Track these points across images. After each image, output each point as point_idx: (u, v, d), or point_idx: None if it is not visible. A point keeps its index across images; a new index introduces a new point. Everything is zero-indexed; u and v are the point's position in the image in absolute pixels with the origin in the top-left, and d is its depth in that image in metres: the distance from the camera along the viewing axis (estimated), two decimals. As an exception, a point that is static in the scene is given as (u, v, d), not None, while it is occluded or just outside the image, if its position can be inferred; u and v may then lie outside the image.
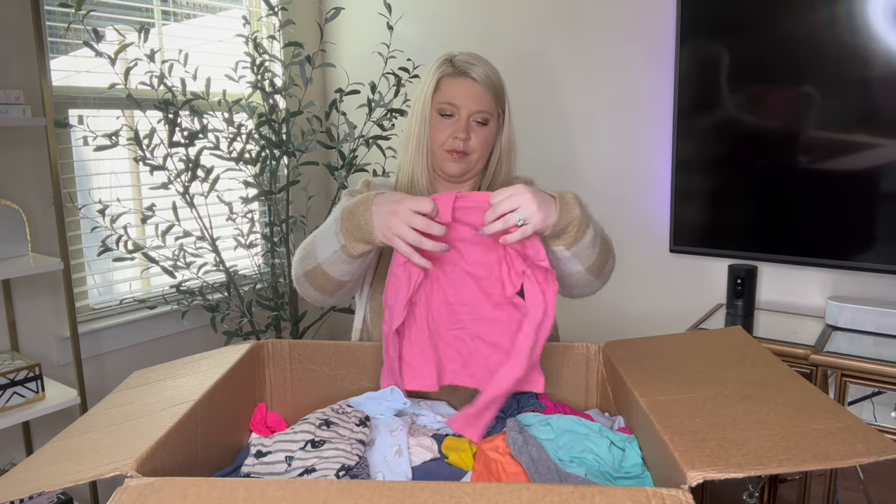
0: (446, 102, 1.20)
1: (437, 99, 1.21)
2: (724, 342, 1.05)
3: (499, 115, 1.25)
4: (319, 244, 1.11)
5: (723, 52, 1.96)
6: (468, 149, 1.21)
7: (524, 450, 0.89)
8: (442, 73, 1.22)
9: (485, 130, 1.22)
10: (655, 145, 2.20)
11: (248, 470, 0.91)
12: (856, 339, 1.73)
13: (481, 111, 1.20)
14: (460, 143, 1.20)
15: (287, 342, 1.11)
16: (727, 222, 2.04)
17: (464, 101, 1.20)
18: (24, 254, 1.94)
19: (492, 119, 1.23)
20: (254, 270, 2.63)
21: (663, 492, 0.62)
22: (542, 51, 2.39)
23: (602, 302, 2.32)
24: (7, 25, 1.97)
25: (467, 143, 1.20)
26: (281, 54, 2.68)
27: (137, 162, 2.16)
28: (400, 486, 0.64)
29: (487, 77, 1.21)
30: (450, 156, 1.22)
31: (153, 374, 1.05)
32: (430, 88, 1.22)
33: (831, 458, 0.67)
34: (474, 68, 1.21)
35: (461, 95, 1.20)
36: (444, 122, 1.21)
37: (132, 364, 2.33)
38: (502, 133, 1.26)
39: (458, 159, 1.22)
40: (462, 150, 1.20)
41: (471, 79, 1.20)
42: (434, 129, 1.22)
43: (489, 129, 1.23)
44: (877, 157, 1.77)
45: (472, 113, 1.20)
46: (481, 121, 1.21)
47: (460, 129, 1.20)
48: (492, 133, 1.24)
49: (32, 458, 0.80)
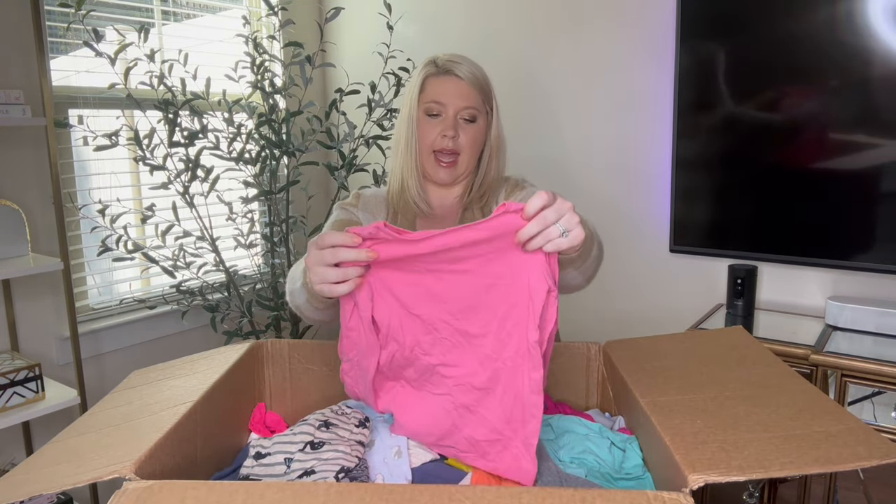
0: (432, 101, 1.20)
1: (423, 99, 1.21)
2: (725, 342, 1.05)
3: (487, 112, 1.24)
4: (296, 291, 1.02)
5: (723, 50, 1.96)
6: (457, 146, 1.20)
7: (524, 451, 0.89)
8: (426, 73, 1.22)
9: (473, 128, 1.21)
10: (655, 144, 2.20)
11: (247, 472, 0.91)
12: (856, 339, 1.73)
13: (468, 107, 1.20)
14: (449, 142, 1.19)
15: (286, 342, 1.11)
16: (727, 222, 2.04)
17: (450, 98, 1.19)
18: (24, 254, 1.94)
19: (480, 116, 1.22)
20: (254, 270, 2.63)
21: (664, 495, 0.62)
22: (542, 49, 2.39)
23: (602, 302, 2.32)
24: (7, 25, 1.97)
25: (456, 141, 1.20)
26: (281, 54, 2.68)
27: (137, 162, 2.15)
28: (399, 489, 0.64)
29: (472, 74, 1.21)
30: (438, 163, 1.21)
31: (152, 373, 1.05)
32: (415, 90, 1.22)
33: (833, 462, 0.67)
34: (458, 66, 1.21)
35: (446, 93, 1.19)
36: (431, 122, 1.21)
37: (132, 364, 2.33)
38: (491, 130, 1.25)
39: (447, 167, 1.21)
40: (452, 150, 1.20)
41: (455, 76, 1.20)
42: (422, 129, 1.21)
43: (477, 126, 1.22)
44: (877, 157, 1.77)
45: (458, 110, 1.20)
46: (469, 118, 1.20)
47: (448, 127, 1.19)
48: (481, 130, 1.23)
49: (31, 459, 0.80)
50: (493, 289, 0.82)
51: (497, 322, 0.83)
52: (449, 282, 0.83)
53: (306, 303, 0.98)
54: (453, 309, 0.85)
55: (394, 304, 0.87)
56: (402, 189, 1.25)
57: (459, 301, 0.84)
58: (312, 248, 0.83)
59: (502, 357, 0.83)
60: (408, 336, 0.88)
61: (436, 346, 0.87)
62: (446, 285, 0.84)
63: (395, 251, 0.81)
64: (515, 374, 0.82)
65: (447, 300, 0.84)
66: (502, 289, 0.81)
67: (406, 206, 1.25)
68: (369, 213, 1.26)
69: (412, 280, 0.85)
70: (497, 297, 0.82)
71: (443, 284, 0.84)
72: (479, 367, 0.85)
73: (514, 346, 0.82)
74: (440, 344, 0.87)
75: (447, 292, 0.84)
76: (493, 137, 1.26)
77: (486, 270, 0.81)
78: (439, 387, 0.89)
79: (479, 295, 0.83)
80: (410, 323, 0.87)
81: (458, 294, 0.84)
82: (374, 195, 1.29)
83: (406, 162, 1.23)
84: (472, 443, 0.87)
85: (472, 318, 0.84)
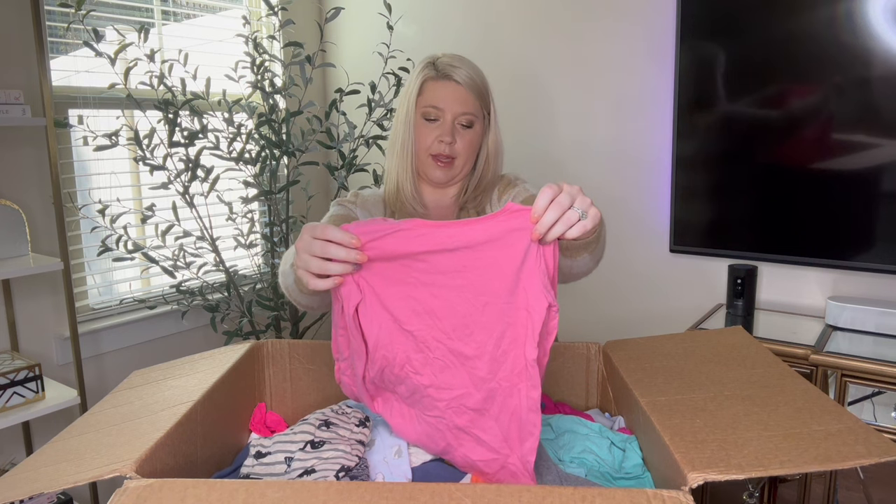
0: (430, 106, 1.19)
1: (421, 103, 1.20)
2: (725, 342, 1.05)
3: (484, 116, 1.24)
4: (286, 272, 1.02)
5: (723, 50, 1.96)
6: (454, 152, 1.20)
7: (524, 450, 0.89)
8: (425, 76, 1.21)
9: (470, 133, 1.21)
10: (655, 144, 2.20)
11: (247, 471, 0.91)
12: (856, 339, 1.73)
13: (466, 113, 1.19)
14: (446, 147, 1.19)
15: (287, 342, 1.11)
16: (727, 222, 2.04)
17: (448, 104, 1.19)
18: (24, 254, 1.94)
19: (477, 121, 1.22)
20: (254, 270, 2.63)
21: (664, 493, 0.62)
22: (542, 49, 2.39)
23: (602, 302, 2.32)
24: (7, 25, 1.97)
25: (453, 147, 1.19)
26: (281, 54, 2.68)
27: (137, 162, 2.16)
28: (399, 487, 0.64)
29: (471, 79, 1.20)
30: (435, 163, 1.21)
31: (152, 374, 1.05)
32: (413, 92, 1.21)
33: (832, 460, 0.67)
34: (457, 71, 1.20)
35: (445, 98, 1.19)
36: (429, 126, 1.20)
37: (132, 364, 2.33)
38: (489, 135, 1.25)
39: (443, 167, 1.21)
40: (448, 155, 1.19)
41: (454, 81, 1.19)
42: (419, 133, 1.21)
43: (475, 131, 1.22)
44: (877, 156, 1.77)
45: (456, 116, 1.19)
46: (466, 123, 1.20)
47: (445, 133, 1.19)
48: (478, 135, 1.23)
49: (32, 458, 0.80)
50: (489, 307, 0.79)
51: (493, 342, 0.80)
52: (444, 298, 0.81)
53: (293, 284, 0.98)
54: (447, 327, 0.82)
55: (385, 318, 0.84)
56: (397, 190, 1.25)
57: (454, 318, 0.81)
58: (306, 234, 0.81)
59: (497, 377, 0.80)
60: (398, 352, 0.84)
61: (427, 367, 0.84)
62: (441, 302, 0.81)
63: (393, 246, 0.80)
64: (511, 394, 0.80)
65: (441, 317, 0.82)
66: (499, 307, 0.79)
67: (402, 207, 1.26)
68: (367, 212, 1.26)
69: (406, 293, 0.82)
70: (493, 317, 0.80)
71: (438, 301, 0.81)
72: (473, 388, 0.82)
73: (509, 365, 0.79)
74: (431, 364, 0.84)
75: (442, 309, 0.81)
76: (490, 142, 1.25)
77: (482, 287, 0.79)
78: (431, 410, 0.86)
79: (475, 314, 0.80)
80: (402, 338, 0.84)
81: (453, 311, 0.81)
82: (372, 195, 1.29)
83: (401, 164, 1.23)
84: (469, 462, 0.86)
85: (467, 339, 0.81)
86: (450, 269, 0.80)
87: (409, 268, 0.81)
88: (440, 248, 0.79)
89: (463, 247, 0.78)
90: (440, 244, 0.79)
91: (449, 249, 0.79)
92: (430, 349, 0.83)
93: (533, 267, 0.76)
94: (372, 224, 0.81)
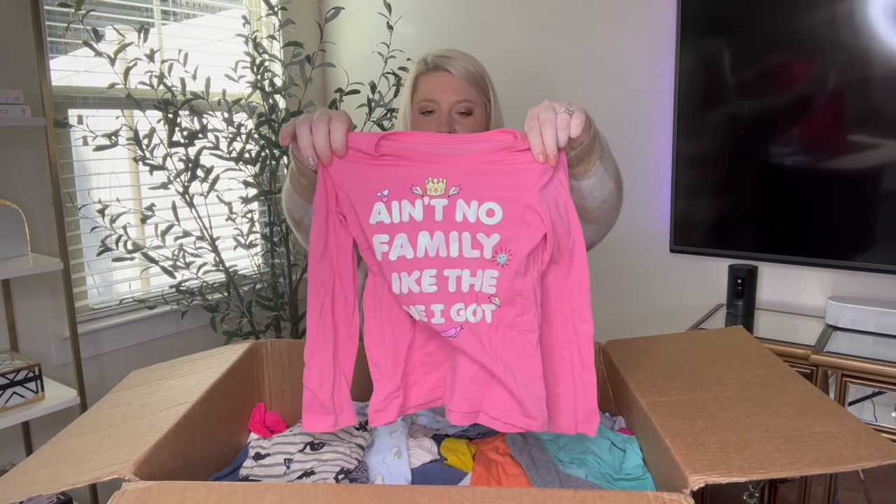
0: (425, 100, 1.18)
1: (416, 99, 1.19)
2: (725, 342, 1.05)
3: (484, 104, 1.22)
4: (290, 174, 0.97)
5: (723, 49, 1.96)
6: None
7: (524, 450, 0.89)
8: (417, 71, 1.20)
9: (470, 121, 1.19)
10: (656, 144, 2.19)
11: (246, 472, 0.90)
12: (856, 339, 1.73)
13: (461, 101, 1.17)
14: None
15: (286, 342, 1.11)
16: (728, 222, 2.03)
17: (441, 94, 1.17)
18: (24, 254, 1.94)
19: (476, 108, 1.19)
20: (253, 270, 2.63)
21: (665, 496, 0.62)
22: (542, 48, 2.39)
23: (602, 302, 2.32)
24: (7, 25, 1.97)
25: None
26: (281, 54, 2.68)
27: (137, 162, 2.15)
28: (399, 490, 0.64)
29: (464, 68, 1.18)
30: None
31: (152, 374, 1.05)
32: (408, 91, 1.20)
33: (834, 463, 0.67)
34: (448, 61, 1.18)
35: (438, 89, 1.17)
36: (426, 120, 1.18)
37: (132, 364, 2.33)
38: (490, 123, 1.23)
39: None
40: None
41: (445, 71, 1.18)
42: (417, 128, 1.19)
43: (475, 118, 1.19)
44: (877, 156, 1.76)
45: (451, 105, 1.17)
46: (464, 111, 1.18)
47: (443, 124, 1.16)
48: (479, 122, 1.20)
49: (31, 459, 0.80)
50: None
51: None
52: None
53: (292, 181, 0.93)
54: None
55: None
56: None
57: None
58: (323, 113, 0.82)
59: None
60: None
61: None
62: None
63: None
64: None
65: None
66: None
67: None
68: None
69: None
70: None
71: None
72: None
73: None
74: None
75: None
76: (493, 127, 1.23)
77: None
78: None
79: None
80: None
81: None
82: None
83: None
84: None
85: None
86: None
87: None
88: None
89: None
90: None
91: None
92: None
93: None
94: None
